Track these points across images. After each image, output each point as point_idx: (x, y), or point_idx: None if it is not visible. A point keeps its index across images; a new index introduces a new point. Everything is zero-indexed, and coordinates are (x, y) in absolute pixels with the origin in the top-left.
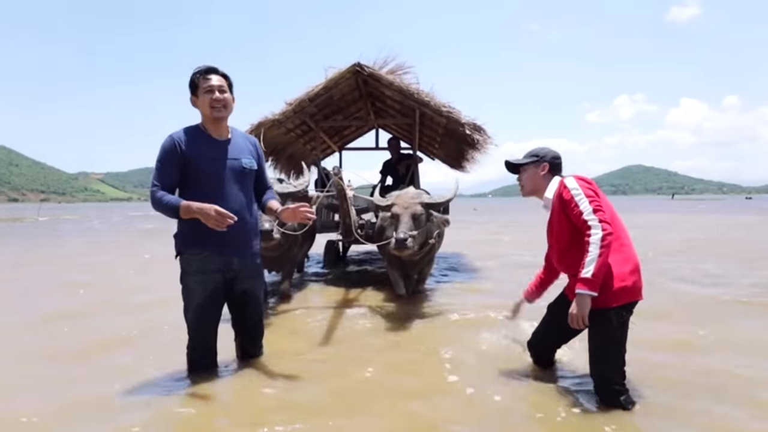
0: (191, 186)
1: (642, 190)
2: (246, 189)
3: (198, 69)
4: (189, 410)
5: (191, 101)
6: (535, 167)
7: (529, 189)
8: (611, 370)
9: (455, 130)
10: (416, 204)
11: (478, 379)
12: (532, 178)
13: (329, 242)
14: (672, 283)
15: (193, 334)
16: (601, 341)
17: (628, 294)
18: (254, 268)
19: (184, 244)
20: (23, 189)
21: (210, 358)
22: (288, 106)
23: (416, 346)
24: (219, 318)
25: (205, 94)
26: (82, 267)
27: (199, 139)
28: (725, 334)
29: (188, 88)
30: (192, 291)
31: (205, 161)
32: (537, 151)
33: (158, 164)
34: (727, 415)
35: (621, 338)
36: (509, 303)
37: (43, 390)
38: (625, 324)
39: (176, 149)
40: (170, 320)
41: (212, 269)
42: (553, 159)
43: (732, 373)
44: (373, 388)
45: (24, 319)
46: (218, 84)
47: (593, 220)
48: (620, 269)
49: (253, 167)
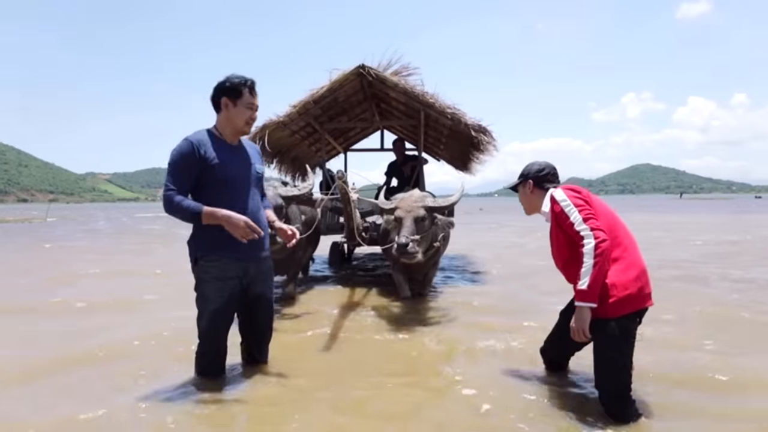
0: (210, 191)
1: (650, 189)
2: (257, 194)
3: (245, 79)
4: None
5: (223, 103)
6: (522, 187)
7: (527, 208)
8: (613, 383)
9: (460, 131)
10: (419, 207)
11: (484, 385)
12: (525, 198)
13: (334, 243)
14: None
15: (204, 340)
16: (603, 353)
17: (633, 302)
18: (267, 271)
19: (201, 251)
20: (32, 189)
21: (219, 364)
22: (292, 108)
23: (421, 351)
24: (231, 324)
25: (246, 108)
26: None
27: (216, 144)
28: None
29: (226, 90)
30: (208, 298)
31: (223, 167)
32: (522, 171)
33: (174, 168)
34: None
35: (625, 350)
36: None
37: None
38: (631, 334)
39: (195, 154)
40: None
41: (230, 276)
42: (538, 174)
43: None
44: (377, 392)
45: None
46: (257, 104)
47: (585, 229)
48: (623, 276)
49: (263, 173)
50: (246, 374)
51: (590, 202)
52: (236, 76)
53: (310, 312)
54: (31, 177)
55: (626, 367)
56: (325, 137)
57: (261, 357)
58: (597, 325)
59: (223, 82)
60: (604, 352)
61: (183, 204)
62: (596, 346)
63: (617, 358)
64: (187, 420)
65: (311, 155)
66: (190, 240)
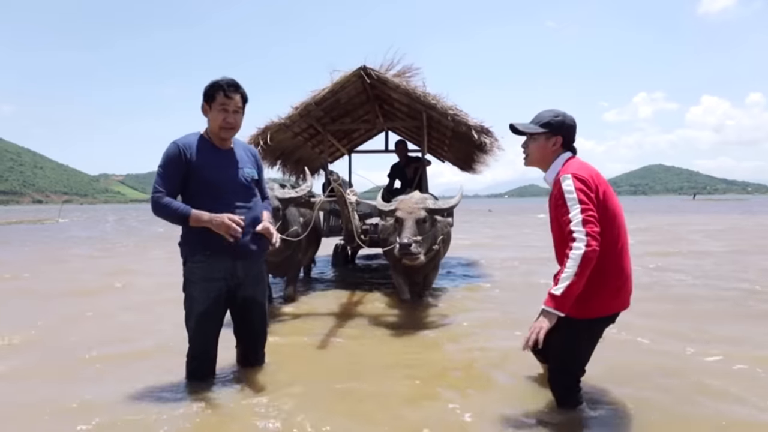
0: (195, 194)
1: (662, 190)
2: (248, 198)
3: (219, 82)
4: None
5: (202, 108)
6: (546, 140)
7: (535, 160)
8: (566, 374)
9: (463, 132)
10: (420, 209)
11: (481, 391)
12: (542, 150)
13: (337, 245)
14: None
15: (193, 343)
16: (565, 344)
17: (610, 307)
18: (258, 275)
19: (189, 252)
20: (47, 191)
21: (208, 367)
22: (294, 110)
23: (421, 354)
24: (220, 327)
25: (219, 111)
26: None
27: (204, 148)
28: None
29: (203, 94)
30: (194, 299)
31: (210, 171)
32: (550, 119)
33: (162, 170)
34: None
35: (587, 347)
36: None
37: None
38: (598, 335)
39: (181, 157)
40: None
41: (216, 277)
42: (568, 131)
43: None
44: (376, 395)
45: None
46: (234, 107)
47: (580, 232)
48: (610, 283)
49: (255, 177)
50: (239, 378)
51: (594, 199)
52: (214, 80)
53: (310, 314)
54: (46, 178)
55: (582, 362)
56: (327, 139)
57: (256, 360)
58: (566, 320)
59: (208, 85)
60: (566, 343)
61: (171, 206)
62: (559, 336)
63: (577, 353)
64: (174, 425)
65: (315, 157)
66: (180, 242)
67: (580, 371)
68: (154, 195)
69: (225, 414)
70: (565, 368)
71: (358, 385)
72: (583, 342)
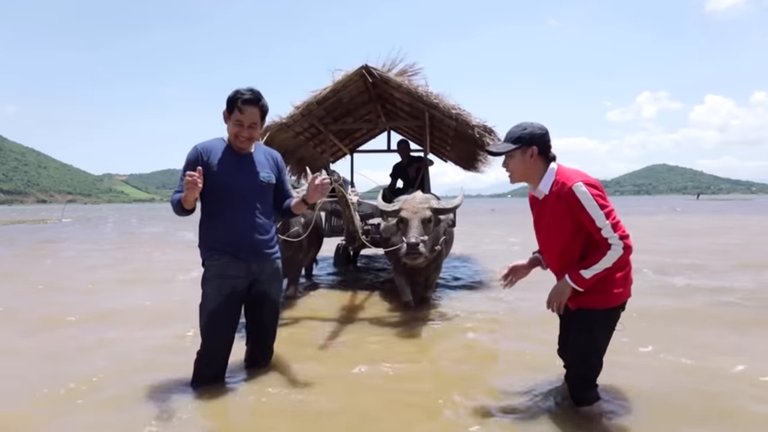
0: (214, 197)
1: (666, 190)
2: (263, 201)
3: (237, 96)
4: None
5: (223, 114)
6: (522, 154)
7: (519, 175)
8: (585, 366)
9: (465, 132)
10: (425, 209)
11: (483, 392)
12: (522, 165)
13: (339, 245)
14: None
15: (204, 341)
16: (584, 336)
17: (624, 295)
18: (274, 272)
19: (205, 252)
20: (51, 190)
21: (217, 368)
22: (295, 109)
23: (421, 357)
24: (233, 329)
25: (234, 125)
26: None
27: (222, 152)
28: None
29: (227, 102)
30: (207, 296)
31: (224, 174)
32: (519, 134)
33: (182, 173)
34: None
35: (605, 337)
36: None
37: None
38: (614, 325)
39: (199, 160)
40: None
41: (231, 274)
42: (543, 139)
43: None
44: (378, 399)
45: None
46: (250, 121)
47: (613, 237)
48: (622, 274)
49: (271, 181)
50: (243, 381)
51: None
52: (237, 90)
53: (310, 315)
54: (49, 178)
55: (601, 352)
56: (329, 138)
57: (263, 359)
58: (585, 313)
59: (230, 94)
60: (586, 335)
61: (173, 199)
62: (578, 329)
63: (598, 341)
64: (173, 425)
65: (316, 156)
66: (198, 243)
67: (599, 364)
68: (173, 196)
69: (224, 414)
70: (588, 359)
71: (359, 385)
72: (603, 331)
